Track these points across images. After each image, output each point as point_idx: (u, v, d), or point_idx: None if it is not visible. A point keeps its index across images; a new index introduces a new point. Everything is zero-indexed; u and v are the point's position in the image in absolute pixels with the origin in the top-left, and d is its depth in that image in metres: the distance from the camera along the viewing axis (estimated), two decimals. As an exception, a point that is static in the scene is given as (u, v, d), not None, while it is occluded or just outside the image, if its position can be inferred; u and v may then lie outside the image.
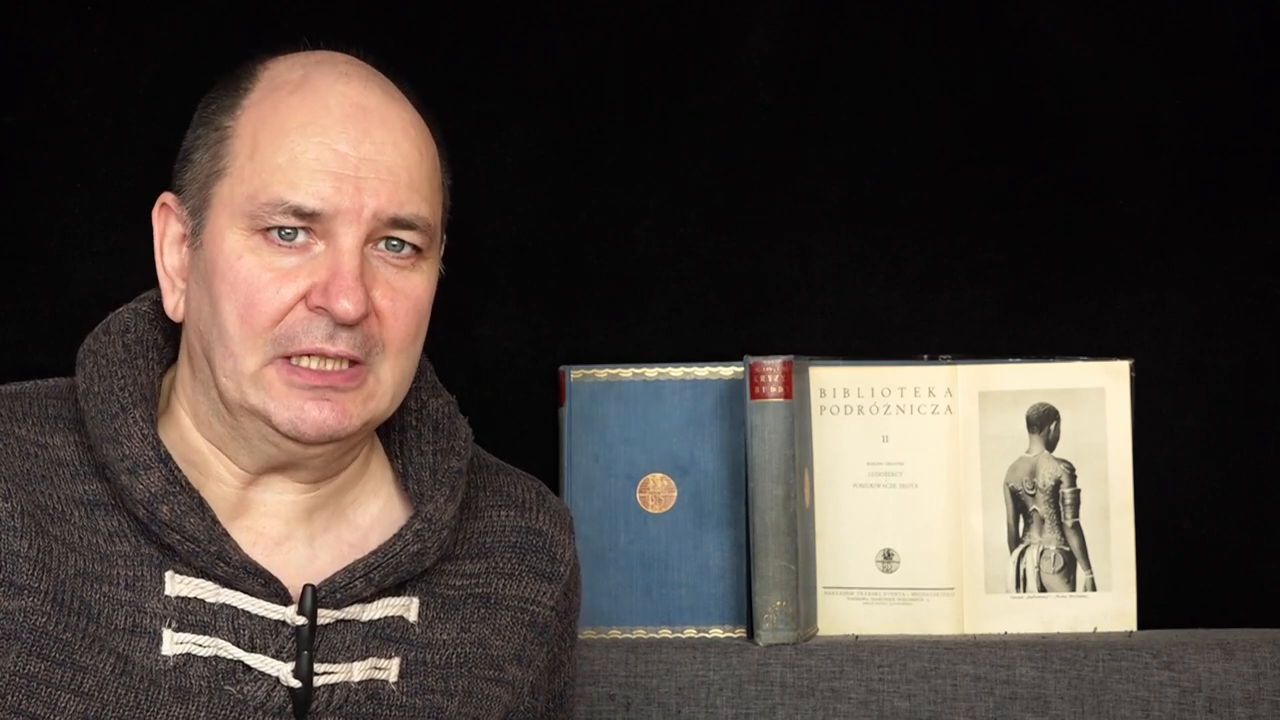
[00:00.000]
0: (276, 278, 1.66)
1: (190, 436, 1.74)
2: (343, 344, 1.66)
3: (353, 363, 1.68)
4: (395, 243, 1.69)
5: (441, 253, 1.78)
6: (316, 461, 1.72)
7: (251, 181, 1.67)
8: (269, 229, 1.67)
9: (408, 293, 1.70)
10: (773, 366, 2.33)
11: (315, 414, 1.67)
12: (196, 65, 1.82)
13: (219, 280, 1.67)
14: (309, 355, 1.66)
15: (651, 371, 2.42)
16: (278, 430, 1.67)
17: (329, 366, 1.67)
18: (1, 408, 1.72)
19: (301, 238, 1.67)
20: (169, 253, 1.75)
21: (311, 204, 1.66)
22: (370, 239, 1.68)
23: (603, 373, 2.42)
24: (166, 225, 1.75)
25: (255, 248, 1.67)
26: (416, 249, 1.70)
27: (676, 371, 2.42)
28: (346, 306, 1.65)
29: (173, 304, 1.74)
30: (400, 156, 1.69)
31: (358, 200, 1.66)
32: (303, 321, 1.66)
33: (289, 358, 1.66)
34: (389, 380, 1.70)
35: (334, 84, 1.71)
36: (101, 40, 2.47)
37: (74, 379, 1.74)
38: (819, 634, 2.40)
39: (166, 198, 1.75)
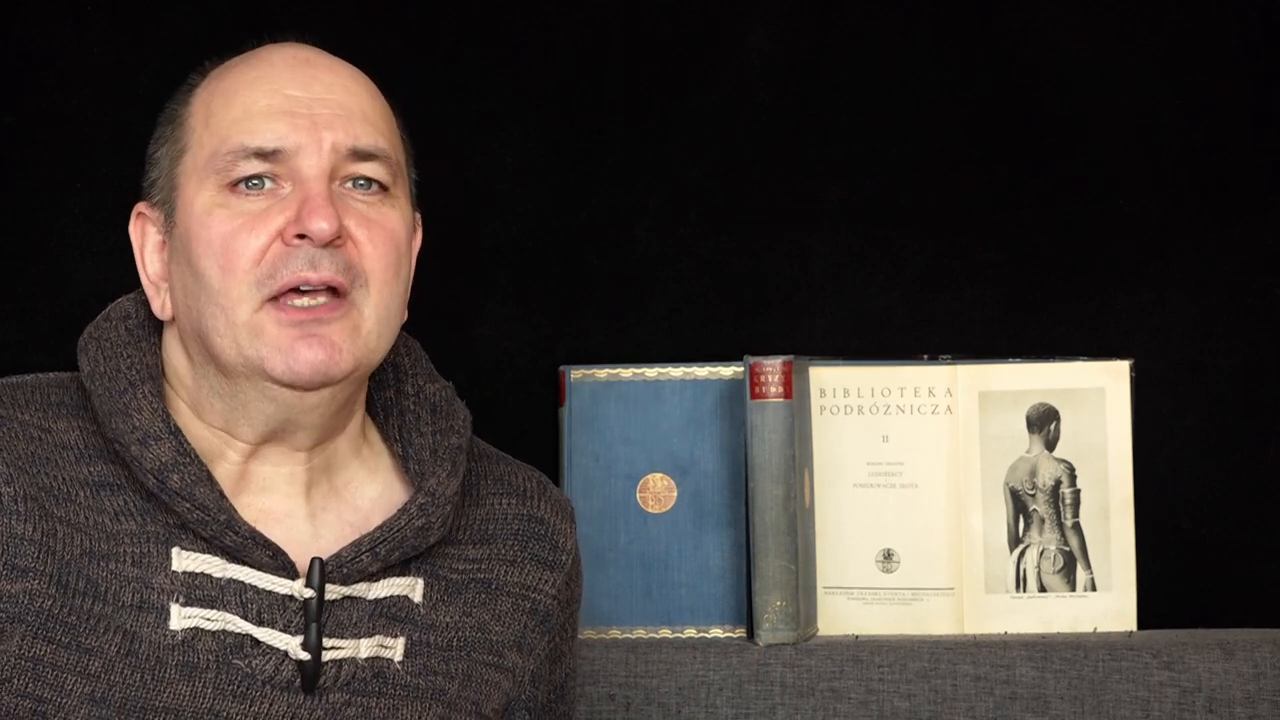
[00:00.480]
0: (249, 222, 1.69)
1: (194, 428, 1.75)
2: (325, 268, 1.68)
3: (337, 295, 1.69)
4: (362, 181, 1.72)
5: (418, 223, 1.80)
6: (313, 417, 1.73)
7: (211, 142, 1.71)
8: (235, 182, 1.69)
9: (382, 224, 1.72)
10: (773, 366, 2.33)
11: (307, 353, 1.68)
12: (196, 65, 1.83)
13: (195, 243, 1.70)
14: (295, 290, 1.68)
15: (651, 371, 2.42)
16: (274, 379, 1.68)
17: (315, 302, 1.69)
18: (4, 394, 1.74)
19: (268, 185, 1.70)
20: (150, 261, 1.77)
21: (272, 143, 1.69)
22: (334, 176, 1.71)
23: (603, 373, 2.42)
24: (145, 235, 1.77)
25: (225, 202, 1.70)
26: (383, 187, 1.73)
27: (676, 371, 2.41)
28: (322, 225, 1.67)
29: (159, 304, 1.76)
30: (351, 96, 1.73)
31: (315, 134, 1.70)
32: (282, 256, 1.68)
33: (276, 299, 1.68)
34: (373, 317, 1.71)
35: (277, 49, 1.76)
36: (101, 40, 2.47)
37: (74, 372, 1.76)
38: (819, 634, 2.40)
39: (140, 207, 1.78)
